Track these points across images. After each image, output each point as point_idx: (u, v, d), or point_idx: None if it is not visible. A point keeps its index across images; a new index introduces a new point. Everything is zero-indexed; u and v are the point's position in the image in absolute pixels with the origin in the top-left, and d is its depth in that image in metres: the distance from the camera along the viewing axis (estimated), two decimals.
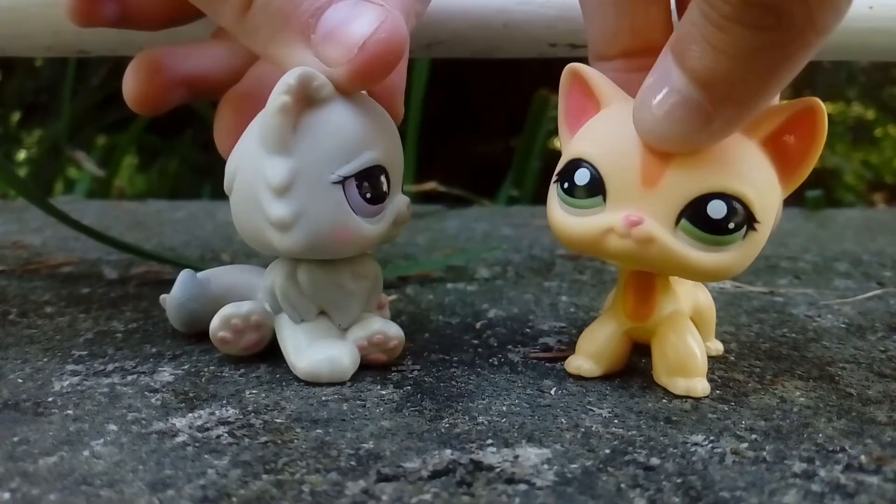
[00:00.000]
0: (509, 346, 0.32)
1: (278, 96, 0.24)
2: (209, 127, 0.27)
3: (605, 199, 0.24)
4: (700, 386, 0.26)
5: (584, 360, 0.28)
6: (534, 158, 1.03)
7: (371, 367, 0.29)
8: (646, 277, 0.27)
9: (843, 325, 0.36)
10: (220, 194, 0.33)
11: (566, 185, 0.25)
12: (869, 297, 0.42)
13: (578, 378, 0.28)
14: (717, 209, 0.23)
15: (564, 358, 0.29)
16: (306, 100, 0.25)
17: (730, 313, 0.38)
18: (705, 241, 0.23)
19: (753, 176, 0.24)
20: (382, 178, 0.26)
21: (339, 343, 0.28)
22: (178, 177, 1.34)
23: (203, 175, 1.31)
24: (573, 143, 0.26)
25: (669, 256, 0.24)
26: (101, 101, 1.33)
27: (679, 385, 0.26)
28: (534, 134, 1.03)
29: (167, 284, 0.39)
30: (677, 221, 0.23)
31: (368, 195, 0.26)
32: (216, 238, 0.62)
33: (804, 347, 0.32)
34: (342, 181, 0.25)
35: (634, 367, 0.29)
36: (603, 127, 0.26)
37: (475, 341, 0.33)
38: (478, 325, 0.35)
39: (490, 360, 0.30)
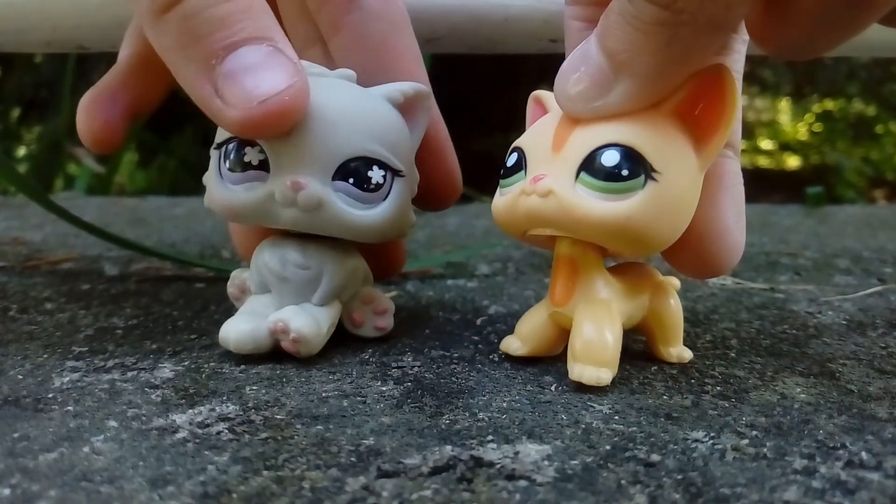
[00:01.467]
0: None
1: None
2: (209, 124, 0.27)
3: (525, 173, 0.26)
4: (595, 374, 0.26)
5: (513, 340, 0.29)
6: None
7: (371, 364, 0.29)
8: (569, 263, 0.27)
9: (843, 322, 0.36)
10: None
11: (502, 171, 0.28)
12: (869, 293, 0.42)
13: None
14: (609, 158, 0.24)
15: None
16: None
17: (730, 310, 0.38)
18: (603, 189, 0.24)
19: (651, 133, 0.24)
20: (248, 150, 0.27)
21: (255, 319, 0.29)
22: (178, 173, 1.34)
23: (203, 171, 1.31)
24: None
25: (569, 206, 0.24)
26: None
27: (574, 370, 0.26)
28: None
29: (167, 281, 0.39)
30: (577, 175, 0.25)
31: (228, 161, 0.28)
32: (216, 234, 0.62)
33: (805, 344, 0.32)
34: (219, 147, 0.28)
35: (634, 364, 0.29)
36: (538, 123, 0.28)
37: (475, 338, 0.33)
38: (478, 321, 0.35)
39: (490, 357, 0.30)
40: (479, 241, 0.61)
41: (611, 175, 0.24)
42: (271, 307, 0.29)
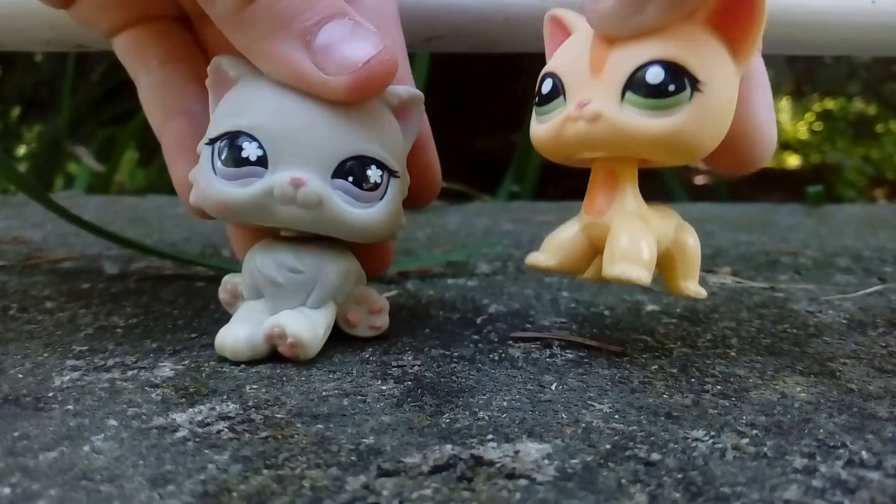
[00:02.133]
0: (510, 342, 0.32)
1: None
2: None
3: (565, 99, 0.26)
4: (637, 272, 0.26)
5: (541, 252, 0.29)
6: (534, 154, 1.03)
7: (371, 363, 0.29)
8: (609, 173, 0.28)
9: (843, 321, 0.36)
10: None
11: (536, 99, 0.28)
12: (870, 292, 0.42)
13: (579, 373, 0.28)
14: (654, 74, 0.24)
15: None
16: (223, 80, 0.29)
17: (731, 308, 0.38)
18: (650, 106, 0.25)
19: (691, 45, 0.25)
20: (245, 145, 0.27)
21: (251, 325, 0.29)
22: None
23: None
24: (545, 67, 0.28)
25: (619, 127, 0.25)
26: (100, 95, 1.33)
27: (616, 268, 0.26)
28: None
29: (168, 280, 0.39)
30: (623, 96, 0.25)
31: (223, 156, 0.27)
32: (217, 234, 0.62)
33: (805, 343, 0.32)
34: (212, 143, 0.28)
35: (634, 363, 0.29)
36: (566, 45, 0.28)
37: (476, 336, 0.33)
38: (478, 320, 0.35)
39: (490, 356, 0.30)
40: (479, 240, 0.61)
41: (658, 91, 0.25)
42: (266, 312, 0.29)
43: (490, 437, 0.22)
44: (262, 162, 0.27)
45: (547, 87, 0.27)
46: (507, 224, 0.70)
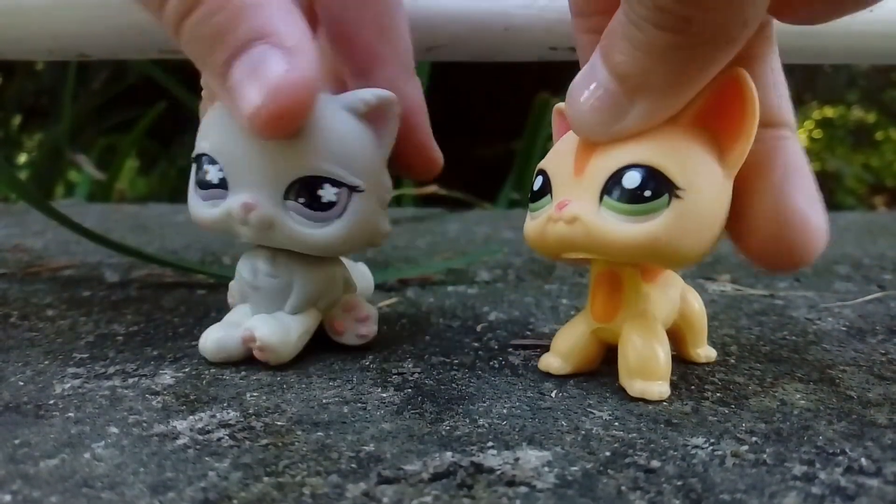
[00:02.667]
0: (510, 349, 0.32)
1: None
2: None
3: (552, 197, 0.26)
4: (657, 389, 0.26)
5: (554, 358, 0.29)
6: (534, 161, 1.03)
7: (372, 370, 0.29)
8: (612, 278, 0.27)
9: (843, 328, 0.36)
10: None
11: (530, 195, 0.28)
12: (869, 300, 0.42)
13: (579, 381, 0.28)
14: (631, 179, 0.24)
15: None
16: (210, 99, 0.30)
17: (730, 316, 0.38)
18: (627, 212, 0.24)
19: (672, 150, 0.24)
20: (208, 167, 0.28)
21: (229, 329, 0.30)
22: (179, 180, 1.34)
23: None
24: None
25: (595, 231, 0.24)
26: (101, 104, 1.33)
27: (635, 387, 0.26)
28: (534, 137, 1.03)
29: (168, 288, 0.39)
30: (601, 199, 0.25)
31: (196, 178, 0.29)
32: (217, 241, 0.62)
33: (804, 350, 0.32)
34: (192, 162, 0.29)
35: None
36: (560, 142, 0.28)
37: (476, 344, 0.33)
38: (478, 327, 0.35)
39: (491, 363, 0.30)
40: (479, 248, 0.61)
41: (634, 197, 0.24)
42: (248, 316, 0.30)
43: (490, 444, 0.22)
44: (223, 184, 0.28)
45: (538, 183, 0.27)
46: (507, 232, 0.70)
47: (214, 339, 0.29)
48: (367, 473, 0.20)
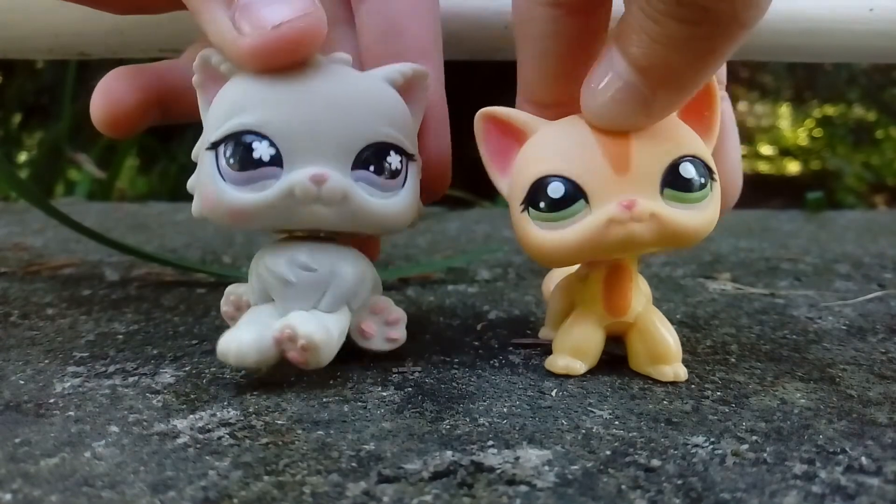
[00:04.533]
0: (510, 348, 0.32)
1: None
2: None
3: (587, 201, 0.25)
4: (682, 371, 0.28)
5: (570, 360, 0.28)
6: None
7: (372, 369, 0.29)
8: (621, 272, 0.28)
9: (843, 327, 0.36)
10: None
11: (541, 204, 0.26)
12: (870, 298, 0.42)
13: (579, 379, 0.28)
14: (687, 169, 0.25)
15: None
16: (213, 77, 0.27)
17: (731, 315, 0.38)
18: (688, 200, 0.25)
19: (695, 140, 0.26)
20: (256, 144, 0.25)
21: (258, 329, 0.26)
22: (179, 178, 1.34)
23: None
24: (524, 170, 0.27)
25: (671, 224, 0.25)
26: None
27: (667, 372, 0.28)
28: None
29: (168, 286, 0.39)
30: (661, 191, 0.25)
31: (232, 160, 0.25)
32: (217, 240, 0.62)
33: (805, 349, 0.32)
34: (214, 147, 0.26)
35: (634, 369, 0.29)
36: (550, 144, 0.27)
37: (476, 343, 0.33)
38: (479, 326, 0.35)
39: (491, 362, 0.30)
40: (479, 246, 0.61)
41: (693, 186, 0.25)
42: (275, 316, 0.26)
43: (490, 443, 0.22)
44: (276, 161, 0.25)
45: (557, 190, 0.25)
46: (507, 230, 0.70)
47: (241, 341, 0.25)
48: (367, 472, 0.20)
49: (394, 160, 0.27)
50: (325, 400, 0.26)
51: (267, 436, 0.23)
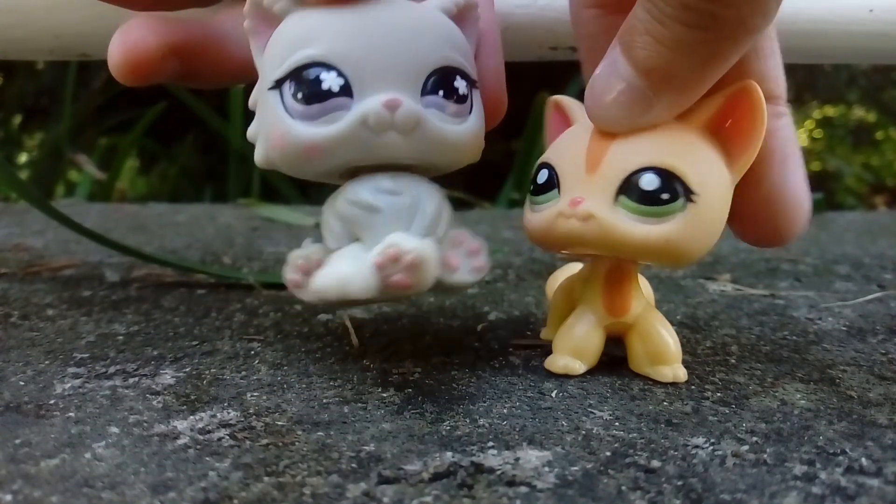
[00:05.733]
0: (510, 349, 0.32)
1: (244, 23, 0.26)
2: (210, 130, 0.27)
3: (559, 192, 0.26)
4: (682, 372, 0.28)
5: (570, 360, 0.28)
6: (534, 161, 1.02)
7: (372, 370, 0.29)
8: (622, 273, 0.28)
9: (843, 328, 0.36)
10: (220, 197, 0.33)
11: (532, 187, 0.28)
12: (869, 299, 0.42)
13: (579, 380, 0.28)
14: (648, 181, 0.24)
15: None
16: (266, 19, 0.26)
17: (731, 316, 0.38)
18: (643, 213, 0.25)
19: (688, 153, 0.25)
20: (324, 76, 0.24)
21: (357, 260, 0.25)
22: (179, 180, 1.34)
23: (204, 178, 1.31)
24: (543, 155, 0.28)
25: (609, 230, 0.25)
26: (102, 104, 1.33)
27: (666, 373, 0.28)
28: (535, 137, 1.03)
29: (168, 287, 0.39)
30: (616, 198, 0.25)
31: (300, 94, 0.24)
32: (217, 241, 0.62)
33: (805, 350, 0.32)
34: (278, 85, 0.25)
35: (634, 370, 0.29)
36: (564, 136, 0.28)
37: (476, 344, 0.33)
38: (479, 327, 0.35)
39: (491, 363, 0.30)
40: None
41: (651, 199, 0.24)
42: (364, 251, 0.25)
43: (490, 444, 0.22)
44: (345, 91, 0.24)
45: (542, 177, 0.27)
46: (507, 231, 0.70)
47: (339, 273, 0.24)
48: (367, 473, 0.20)
49: (461, 84, 0.26)
50: (325, 401, 0.26)
51: (267, 437, 0.23)
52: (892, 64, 0.44)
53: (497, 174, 1.10)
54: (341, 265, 0.25)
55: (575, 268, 0.32)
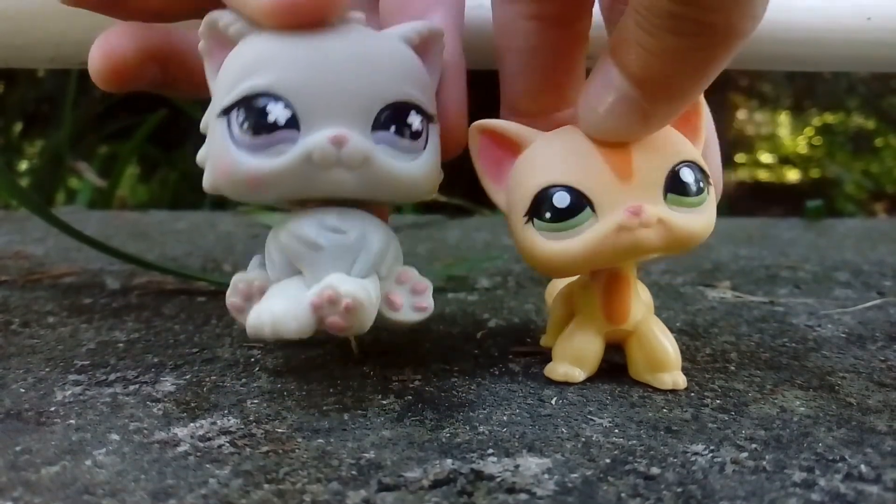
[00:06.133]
0: (510, 356, 0.32)
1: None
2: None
3: (593, 210, 0.25)
4: (681, 379, 0.28)
5: (569, 367, 0.28)
6: None
7: (372, 377, 0.29)
8: (621, 281, 0.28)
9: (843, 335, 0.36)
10: (221, 205, 0.33)
11: (547, 214, 0.26)
12: (869, 306, 0.42)
13: (579, 388, 0.28)
14: (687, 174, 0.26)
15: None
16: (220, 41, 0.25)
17: (730, 323, 0.38)
18: (688, 204, 0.26)
19: (688, 145, 0.27)
20: (271, 107, 0.24)
21: (293, 299, 0.24)
22: (180, 187, 1.35)
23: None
24: (525, 182, 0.27)
25: (677, 228, 0.25)
26: (102, 111, 1.33)
27: (665, 380, 0.28)
28: None
29: (169, 295, 0.39)
30: (665, 197, 0.26)
31: (246, 125, 0.24)
32: (218, 248, 0.62)
33: (804, 357, 0.32)
34: (225, 113, 0.24)
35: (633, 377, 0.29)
36: (550, 155, 0.27)
37: (476, 351, 0.33)
38: (478, 334, 0.35)
39: (491, 370, 0.30)
40: (479, 255, 0.61)
41: (692, 190, 0.26)
42: (303, 287, 0.25)
43: (490, 451, 0.22)
44: (292, 124, 0.24)
45: (563, 200, 0.26)
46: (507, 238, 0.70)
47: (274, 311, 0.24)
48: (367, 480, 0.21)
49: (415, 120, 0.25)
50: (325, 408, 0.26)
51: (267, 444, 0.23)
52: (890, 72, 0.44)
53: None
54: (277, 303, 0.24)
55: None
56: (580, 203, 0.25)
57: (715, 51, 0.23)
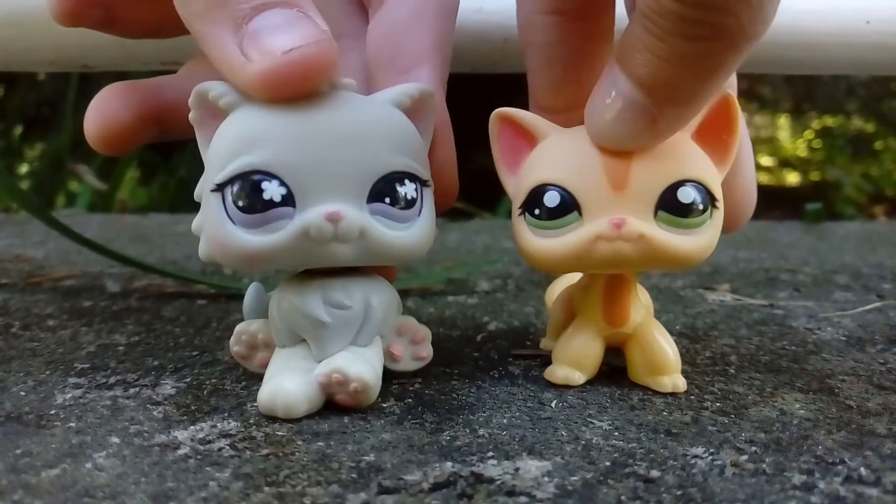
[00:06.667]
0: (510, 359, 0.32)
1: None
2: None
3: (580, 214, 0.25)
4: (681, 382, 0.28)
5: (569, 370, 0.28)
6: None
7: None
8: (621, 283, 0.28)
9: (842, 338, 0.36)
10: None
11: (536, 211, 0.26)
12: (868, 309, 0.42)
13: (579, 390, 0.28)
14: (686, 194, 0.25)
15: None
16: (211, 112, 0.25)
17: (730, 326, 0.38)
18: (683, 225, 0.25)
19: (701, 162, 0.26)
20: (266, 185, 0.24)
21: (301, 377, 0.25)
22: (180, 190, 1.35)
23: None
24: (528, 175, 0.27)
25: (659, 247, 0.25)
26: None
27: (665, 383, 0.28)
28: None
29: (169, 298, 0.39)
30: (655, 213, 0.25)
31: (240, 202, 0.24)
32: None
33: (804, 360, 0.32)
34: (220, 188, 0.24)
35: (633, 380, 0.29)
36: (554, 152, 0.27)
37: (476, 354, 0.33)
38: (478, 337, 0.35)
39: (491, 373, 0.30)
40: (479, 258, 0.61)
41: (689, 211, 0.25)
42: (310, 359, 0.26)
43: (490, 454, 0.22)
44: (288, 201, 0.24)
45: (552, 200, 0.26)
46: (506, 241, 0.70)
47: (287, 393, 0.25)
48: (367, 483, 0.21)
49: (409, 189, 0.26)
50: (325, 411, 0.26)
51: (267, 447, 0.23)
52: (890, 75, 0.44)
53: (496, 184, 1.10)
54: (288, 384, 0.25)
55: (574, 278, 0.32)
56: (569, 205, 0.26)
57: (725, 54, 0.22)
